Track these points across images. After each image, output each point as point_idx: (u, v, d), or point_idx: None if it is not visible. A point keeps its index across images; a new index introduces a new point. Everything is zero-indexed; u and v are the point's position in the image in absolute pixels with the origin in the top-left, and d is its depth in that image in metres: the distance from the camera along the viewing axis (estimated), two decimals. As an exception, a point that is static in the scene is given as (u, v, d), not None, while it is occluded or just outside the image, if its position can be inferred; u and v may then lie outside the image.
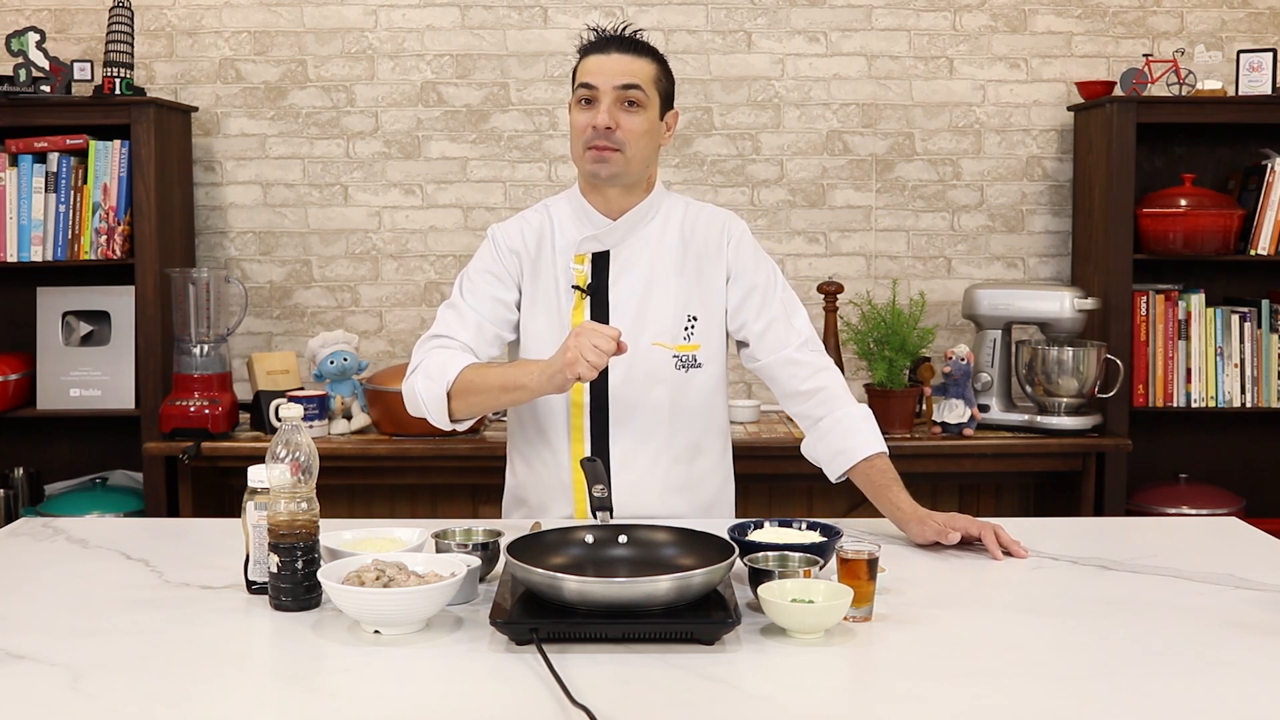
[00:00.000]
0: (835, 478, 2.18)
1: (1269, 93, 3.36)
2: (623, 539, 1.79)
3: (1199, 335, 3.48)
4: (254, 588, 1.75)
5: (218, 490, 3.37)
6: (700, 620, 1.57)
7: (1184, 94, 3.40)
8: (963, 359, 3.28)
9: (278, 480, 1.67)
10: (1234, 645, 1.57)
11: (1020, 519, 2.37)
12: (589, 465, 1.86)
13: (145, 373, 3.34)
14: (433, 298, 3.69)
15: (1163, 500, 3.44)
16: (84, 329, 3.45)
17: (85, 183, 3.35)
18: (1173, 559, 1.95)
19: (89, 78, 3.38)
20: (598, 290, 2.19)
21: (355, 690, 1.43)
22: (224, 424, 3.25)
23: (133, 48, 3.41)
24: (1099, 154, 3.44)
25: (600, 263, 2.21)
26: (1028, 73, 3.69)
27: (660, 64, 2.19)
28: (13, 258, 3.34)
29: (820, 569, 1.71)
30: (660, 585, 1.55)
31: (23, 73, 3.30)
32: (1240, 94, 3.39)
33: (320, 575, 1.62)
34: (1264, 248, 3.43)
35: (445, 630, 1.61)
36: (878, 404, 3.17)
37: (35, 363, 3.42)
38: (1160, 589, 1.81)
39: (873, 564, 1.64)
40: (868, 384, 3.31)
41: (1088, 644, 1.59)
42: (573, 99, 2.18)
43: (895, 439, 3.04)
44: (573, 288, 2.20)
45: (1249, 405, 3.48)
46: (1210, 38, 3.66)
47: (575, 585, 1.56)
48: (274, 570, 1.68)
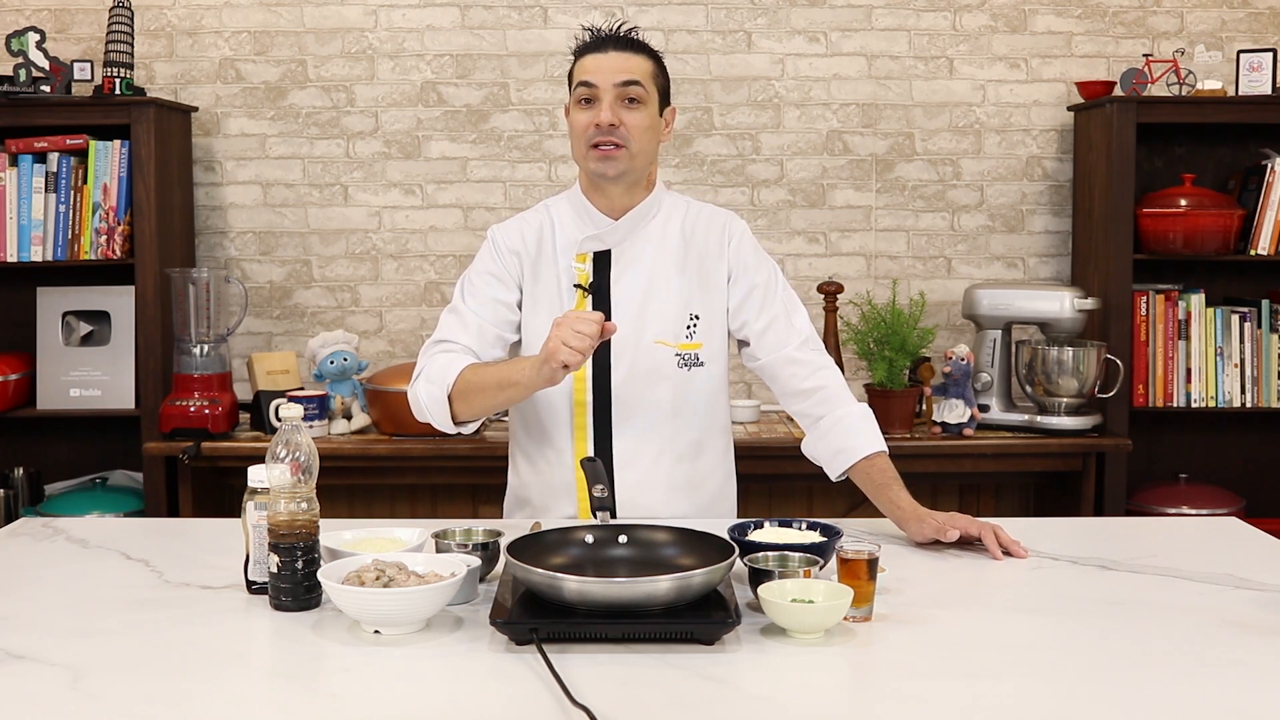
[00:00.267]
0: (835, 476, 2.19)
1: (1269, 93, 3.36)
2: (623, 539, 1.79)
3: (1199, 335, 3.48)
4: (254, 588, 1.75)
5: (218, 490, 3.36)
6: (700, 620, 1.56)
7: (1184, 94, 3.40)
8: (963, 359, 3.28)
9: (278, 480, 1.67)
10: (1234, 645, 1.56)
11: (1020, 519, 2.37)
12: (589, 465, 1.85)
13: (145, 373, 3.34)
14: (433, 298, 3.69)
15: (1163, 500, 3.44)
16: (84, 329, 3.45)
17: (85, 183, 3.35)
18: (1173, 559, 1.95)
19: (89, 78, 3.38)
20: (599, 289, 2.20)
21: (355, 690, 1.43)
22: (224, 424, 3.25)
23: (133, 48, 3.41)
24: (1099, 154, 3.44)
25: (602, 261, 2.21)
26: (1028, 73, 3.69)
27: (656, 60, 2.20)
28: (13, 258, 3.34)
29: (820, 569, 1.71)
30: (660, 585, 1.55)
31: (23, 73, 3.30)
32: (1240, 94, 3.39)
33: (320, 575, 1.62)
34: (1264, 248, 3.43)
35: (445, 630, 1.61)
36: (878, 404, 3.17)
37: (35, 363, 3.42)
38: (1160, 589, 1.81)
39: (873, 564, 1.64)
40: (868, 384, 3.31)
41: (1088, 644, 1.59)
42: (571, 100, 2.18)
43: (895, 439, 3.04)
44: (574, 286, 2.20)
45: (1249, 405, 3.48)
46: (1210, 38, 3.66)
47: (575, 585, 1.56)
48: (274, 570, 1.68)
